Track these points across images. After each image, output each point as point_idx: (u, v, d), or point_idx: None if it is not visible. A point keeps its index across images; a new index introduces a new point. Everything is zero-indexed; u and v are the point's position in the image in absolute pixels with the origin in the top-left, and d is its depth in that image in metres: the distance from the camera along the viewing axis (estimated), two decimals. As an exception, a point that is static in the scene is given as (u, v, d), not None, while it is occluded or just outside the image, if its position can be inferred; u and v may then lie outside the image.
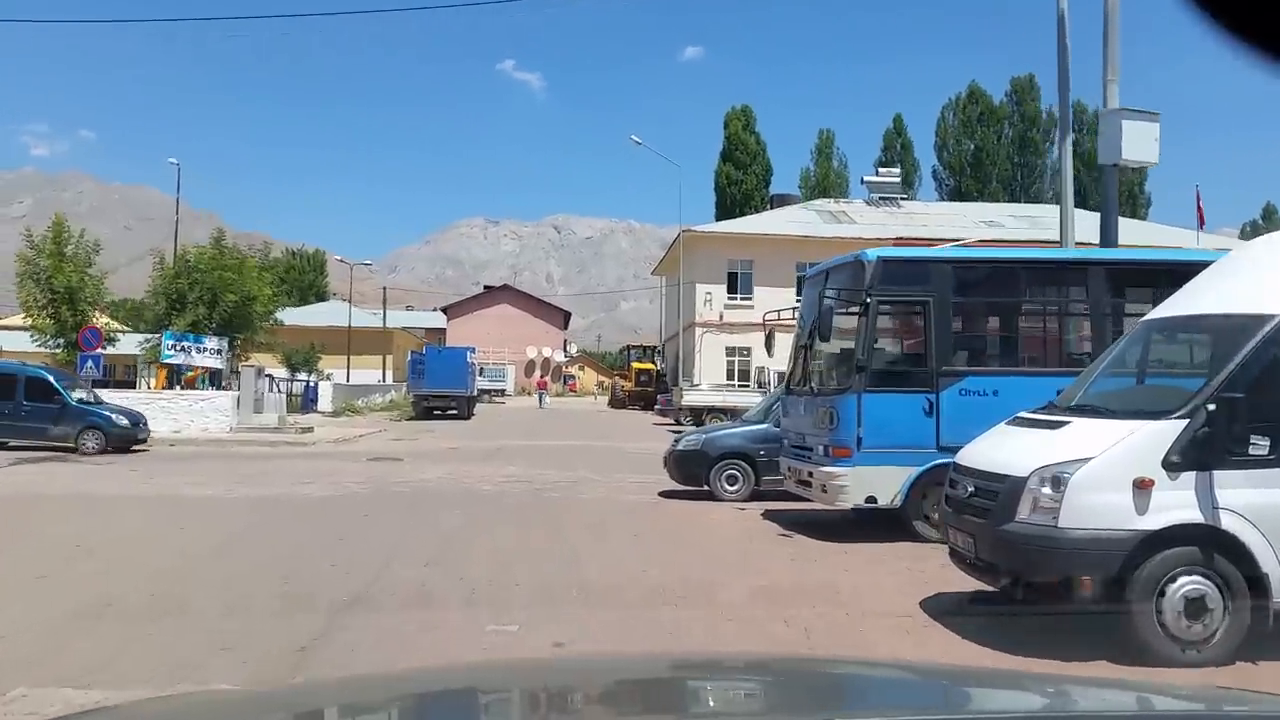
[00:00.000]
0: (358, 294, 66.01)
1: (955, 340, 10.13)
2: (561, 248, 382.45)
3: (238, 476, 16.11)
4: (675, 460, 13.75)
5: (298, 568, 8.50)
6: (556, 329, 78.76)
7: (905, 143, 76.18)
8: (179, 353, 26.49)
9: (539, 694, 2.29)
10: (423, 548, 9.55)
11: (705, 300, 46.74)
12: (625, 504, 13.28)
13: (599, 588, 7.82)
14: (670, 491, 14.10)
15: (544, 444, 25.01)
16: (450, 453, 22.31)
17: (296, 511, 12.23)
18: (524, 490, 14.69)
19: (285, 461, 19.32)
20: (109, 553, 9.22)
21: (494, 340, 69.37)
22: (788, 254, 46.84)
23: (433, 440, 26.19)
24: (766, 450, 13.10)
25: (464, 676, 2.63)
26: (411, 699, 2.23)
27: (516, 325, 74.96)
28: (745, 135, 71.96)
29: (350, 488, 14.74)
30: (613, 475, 16.92)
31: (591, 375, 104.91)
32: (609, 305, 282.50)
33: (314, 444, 24.18)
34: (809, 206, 53.66)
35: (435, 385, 37.64)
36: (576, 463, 19.36)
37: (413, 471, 17.47)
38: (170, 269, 27.47)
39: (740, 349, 46.55)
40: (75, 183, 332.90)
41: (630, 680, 2.40)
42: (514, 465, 18.75)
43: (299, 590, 7.56)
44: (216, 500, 13.29)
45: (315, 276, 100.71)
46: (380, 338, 59.51)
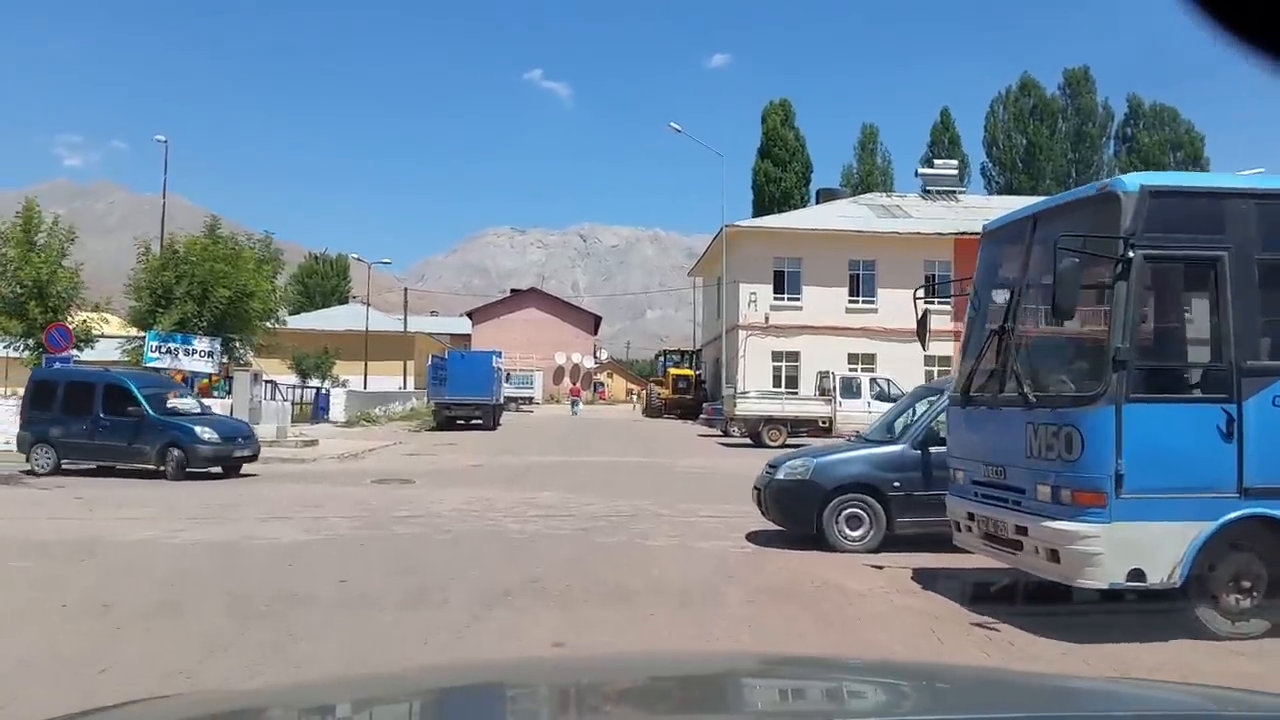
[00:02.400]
0: (385, 302, 62.99)
1: (1268, 319, 6.33)
2: (587, 256, 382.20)
3: (199, 507, 12.71)
4: (775, 495, 10.13)
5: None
6: (586, 334, 75.24)
7: (953, 137, 72.25)
8: (164, 355, 23.18)
9: (538, 693, 2.26)
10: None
11: (750, 301, 43.10)
12: (711, 558, 9.64)
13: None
14: (763, 534, 10.56)
15: (581, 460, 21.50)
16: (472, 472, 18.83)
17: (238, 574, 8.69)
18: (567, 532, 11.11)
19: (271, 485, 15.85)
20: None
21: (521, 346, 66.01)
22: (839, 251, 43.24)
23: (452, 455, 22.71)
24: (902, 481, 9.53)
25: (464, 676, 2.67)
26: (411, 699, 2.18)
27: (545, 330, 71.54)
28: (784, 130, 68.24)
29: (335, 527, 11.21)
30: (676, 506, 13.34)
31: (620, 383, 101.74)
32: (635, 313, 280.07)
33: (314, 460, 20.75)
34: (859, 201, 49.92)
35: (458, 393, 34.19)
36: (626, 487, 15.84)
37: (423, 499, 13.95)
38: (155, 260, 24.11)
39: (788, 353, 42.98)
40: (107, 193, 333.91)
41: (630, 680, 2.38)
42: (549, 490, 15.22)
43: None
44: (147, 548, 9.77)
45: (338, 282, 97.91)
46: (401, 342, 56.19)
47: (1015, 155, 74.81)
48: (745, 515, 11.41)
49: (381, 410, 40.63)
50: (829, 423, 26.53)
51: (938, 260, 43.63)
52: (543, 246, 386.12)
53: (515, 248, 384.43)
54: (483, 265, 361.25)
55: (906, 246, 43.25)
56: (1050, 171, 72.61)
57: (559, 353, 71.72)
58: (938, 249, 43.56)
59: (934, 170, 51.55)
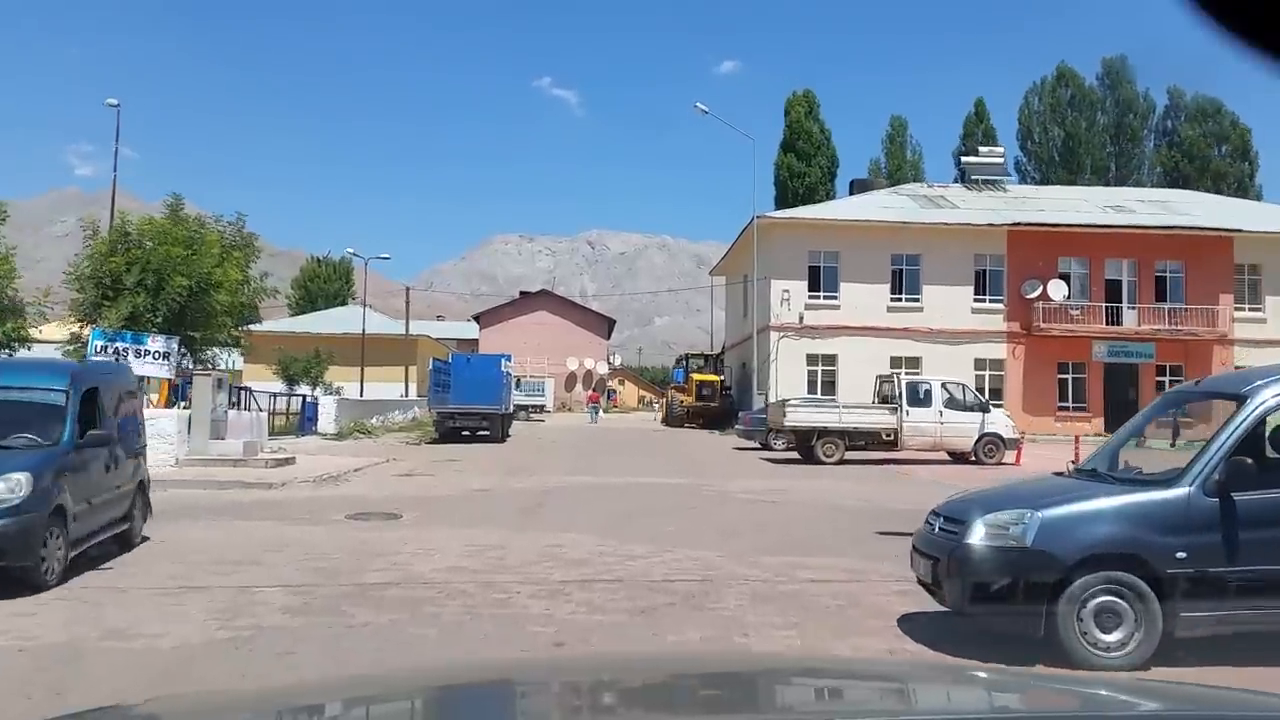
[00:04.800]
0: (391, 308, 59.17)
1: None
2: (596, 263, 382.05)
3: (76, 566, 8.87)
4: (970, 568, 6.12)
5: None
6: (599, 339, 71.36)
7: (988, 129, 68.13)
8: (111, 357, 19.40)
9: (538, 693, 2.26)
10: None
11: (782, 299, 39.20)
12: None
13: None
14: (926, 620, 6.79)
15: (610, 482, 17.69)
16: (476, 500, 15.02)
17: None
18: (618, 619, 7.17)
19: (208, 524, 11.99)
20: None
21: (531, 351, 62.21)
22: (881, 243, 39.34)
23: (454, 477, 18.90)
24: (1190, 550, 5.68)
25: (463, 676, 2.67)
26: (411, 699, 2.16)
27: (556, 334, 67.72)
28: (808, 123, 64.22)
29: (262, 611, 7.21)
30: (758, 560, 9.49)
31: (632, 390, 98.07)
32: (643, 320, 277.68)
33: (283, 485, 16.91)
34: (899, 191, 46.02)
35: (462, 400, 30.37)
36: (678, 524, 12.01)
37: (408, 548, 10.09)
38: (102, 243, 20.29)
39: (824, 356, 39.12)
40: (118, 201, 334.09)
41: (629, 680, 2.35)
42: (577, 531, 11.36)
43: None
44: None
45: (341, 285, 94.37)
46: (403, 346, 52.37)
47: (1052, 148, 70.89)
48: (862, 576, 8.33)
49: (379, 420, 36.82)
50: (894, 435, 22.66)
51: (989, 254, 39.81)
52: (551, 254, 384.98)
53: (523, 255, 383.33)
54: (491, 273, 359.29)
55: (955, 239, 39.38)
56: (1090, 165, 68.67)
57: (570, 358, 67.89)
58: (989, 241, 39.69)
59: (979, 159, 47.62)
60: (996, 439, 22.94)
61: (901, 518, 13.04)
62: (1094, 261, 40.22)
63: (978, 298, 39.67)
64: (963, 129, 70.17)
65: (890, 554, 9.84)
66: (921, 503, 15.32)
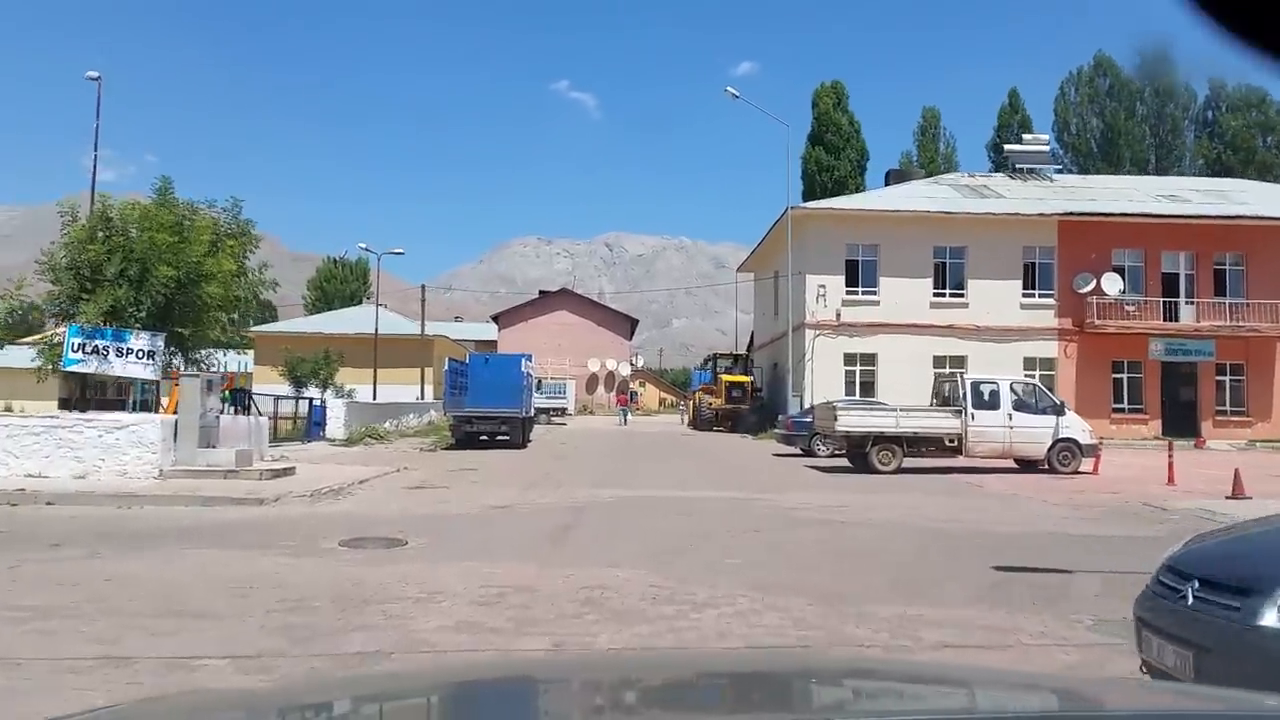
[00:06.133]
0: (410, 311, 57.12)
1: None
2: (613, 265, 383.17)
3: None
4: (1256, 664, 3.94)
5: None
6: (621, 339, 69.23)
7: (1024, 120, 65.77)
8: (90, 356, 17.51)
9: (537, 693, 2.23)
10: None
11: (818, 295, 36.95)
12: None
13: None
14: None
15: (648, 496, 15.54)
16: (495, 519, 12.90)
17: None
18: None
19: (170, 556, 9.86)
20: None
21: (552, 352, 60.21)
22: (923, 235, 37.05)
23: (470, 489, 16.78)
24: None
25: (463, 675, 2.64)
26: (410, 698, 2.13)
27: (577, 335, 65.67)
28: (836, 114, 61.95)
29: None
30: (864, 609, 7.29)
31: (653, 392, 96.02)
32: (661, 322, 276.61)
33: (276, 500, 14.79)
34: (940, 181, 43.75)
35: (480, 403, 28.25)
36: (743, 556, 9.84)
37: (407, 593, 7.93)
38: (81, 229, 18.23)
39: (863, 355, 36.88)
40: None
41: (628, 679, 2.33)
42: (621, 565, 9.20)
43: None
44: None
45: (358, 286, 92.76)
46: (419, 347, 50.33)
47: (1090, 139, 68.40)
48: (1011, 637, 6.27)
49: (392, 425, 34.80)
50: (957, 441, 20.40)
51: (1039, 246, 37.47)
52: (569, 256, 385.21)
53: (542, 257, 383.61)
54: (510, 275, 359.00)
55: (1002, 230, 37.04)
56: (1129, 157, 66.08)
57: (592, 358, 65.84)
58: (1038, 233, 37.36)
59: (1022, 147, 45.23)
60: (1073, 445, 20.64)
61: (1010, 545, 10.83)
62: (1149, 254, 37.84)
63: (1027, 292, 37.33)
64: (997, 120, 67.94)
65: (1028, 601, 7.66)
66: (1022, 524, 13.12)
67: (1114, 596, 8.12)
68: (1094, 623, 7.04)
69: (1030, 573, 9.06)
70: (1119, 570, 9.43)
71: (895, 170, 47.74)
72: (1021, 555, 9.99)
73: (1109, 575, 9.19)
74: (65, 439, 16.37)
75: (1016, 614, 7.19)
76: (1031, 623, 6.92)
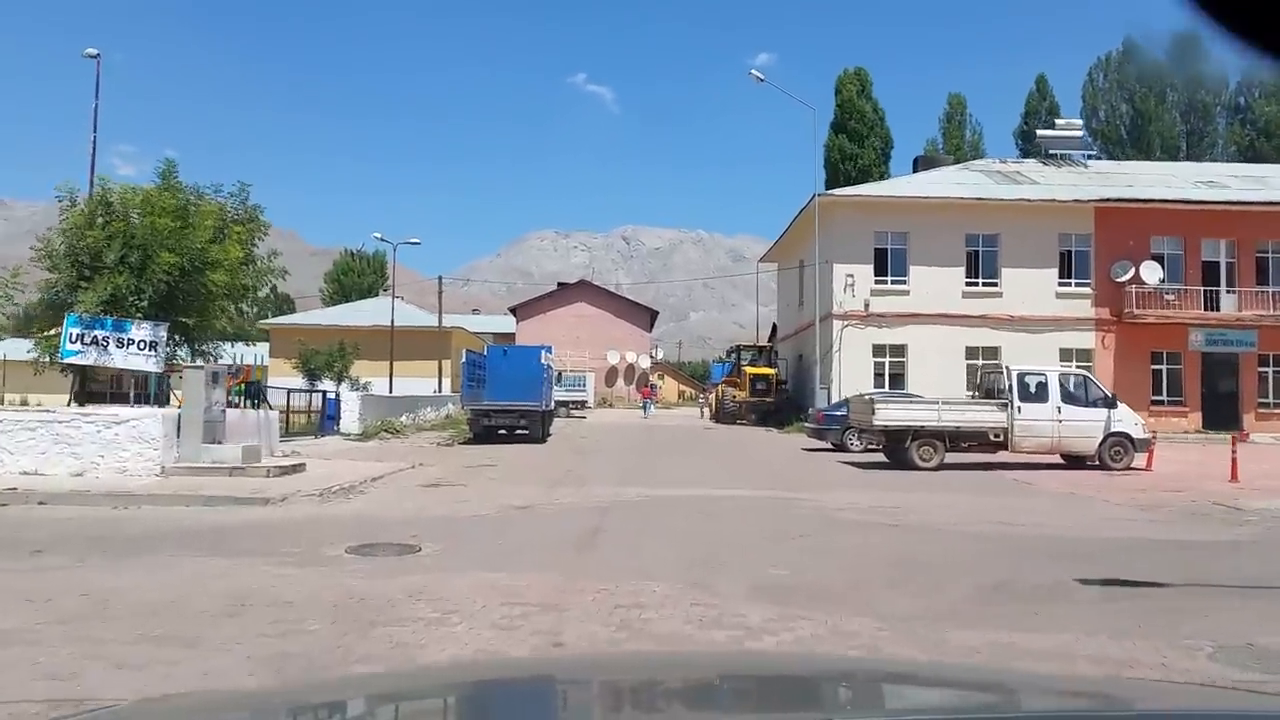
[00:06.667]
0: (429, 305, 56.25)
1: None
2: (630, 258, 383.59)
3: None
4: None
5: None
6: (641, 331, 68.23)
7: (1052, 107, 64.34)
8: (89, 347, 16.67)
9: (537, 693, 2.21)
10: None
11: (846, 285, 35.84)
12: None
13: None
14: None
15: (679, 496, 14.55)
16: (516, 521, 11.95)
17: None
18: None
19: (160, 565, 8.95)
20: None
21: (570, 344, 59.34)
22: (954, 222, 35.83)
23: (489, 487, 15.84)
24: None
25: (463, 675, 2.67)
26: (410, 699, 2.11)
27: (596, 327, 64.73)
28: (860, 101, 60.71)
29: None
30: (940, 632, 6.28)
31: (672, 385, 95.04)
32: (678, 315, 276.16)
33: (283, 500, 13.88)
34: (970, 167, 42.48)
35: (498, 397, 27.34)
36: (789, 564, 8.86)
37: (420, 611, 6.97)
38: (80, 214, 17.33)
39: (892, 346, 35.73)
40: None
41: (627, 680, 2.33)
42: (653, 575, 8.23)
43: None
44: None
45: (375, 279, 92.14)
46: (436, 340, 49.47)
47: (1120, 126, 66.86)
48: (1130, 670, 4.78)
49: (409, 418, 33.94)
50: (1002, 436, 19.31)
51: (1074, 233, 36.19)
52: (586, 249, 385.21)
53: (559, 251, 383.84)
54: (527, 268, 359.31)
55: (1036, 217, 35.77)
56: (1160, 144, 64.48)
57: (612, 351, 64.89)
58: (1074, 220, 36.09)
59: (1055, 132, 43.86)
60: (1125, 440, 19.50)
61: (1084, 552, 9.77)
62: (1189, 241, 36.50)
63: (1063, 281, 36.06)
64: (1024, 107, 66.56)
65: (1130, 622, 6.63)
66: (1089, 528, 11.79)
67: (1223, 614, 7.12)
68: (1214, 650, 6.02)
69: (1119, 586, 8.03)
70: (1216, 583, 8.41)
71: (923, 157, 46.43)
72: (1101, 565, 8.97)
73: (1208, 590, 8.18)
74: (62, 434, 15.56)
75: (1122, 640, 6.17)
76: (1144, 651, 5.90)
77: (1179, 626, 6.63)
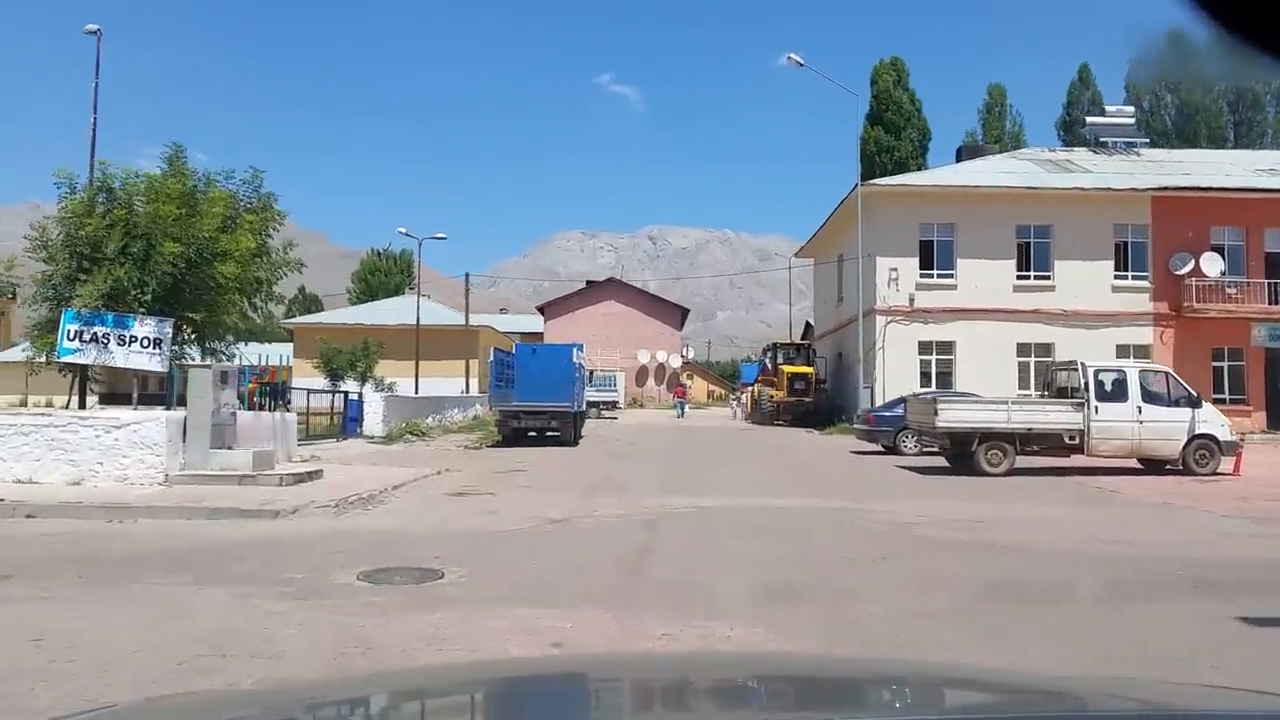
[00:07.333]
0: (456, 305, 55.08)
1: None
2: (657, 258, 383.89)
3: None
4: None
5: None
6: (672, 329, 66.79)
7: (1095, 96, 62.27)
8: (88, 345, 15.45)
9: (537, 693, 2.14)
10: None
11: (890, 279, 34.25)
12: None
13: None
14: None
15: (731, 506, 13.10)
16: (551, 539, 10.55)
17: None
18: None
19: (136, 596, 7.61)
20: None
21: (601, 343, 57.99)
22: (1004, 213, 34.11)
23: (520, 496, 14.47)
24: None
25: (463, 675, 2.59)
26: (410, 699, 2.06)
27: (626, 325, 63.38)
28: (897, 92, 59.01)
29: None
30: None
31: (700, 384, 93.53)
32: (705, 315, 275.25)
33: (294, 513, 12.55)
34: (1018, 156, 40.77)
35: (528, 397, 26.00)
36: (883, 600, 7.41)
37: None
38: (78, 202, 16.08)
39: (939, 343, 34.09)
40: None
41: (627, 679, 2.29)
42: (723, 613, 6.82)
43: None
44: None
45: (401, 278, 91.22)
46: (463, 339, 48.25)
47: (1165, 117, 64.73)
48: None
49: (435, 420, 32.66)
50: (1077, 438, 17.73)
51: (1130, 224, 34.41)
52: (612, 249, 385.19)
53: (585, 251, 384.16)
54: (554, 269, 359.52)
55: (1091, 207, 34.03)
56: (1206, 134, 62.35)
57: (642, 350, 63.50)
58: (1130, 209, 34.30)
59: (1105, 119, 42.06)
60: (1211, 442, 17.85)
61: (1222, 579, 8.18)
62: (1250, 232, 34.66)
63: (1119, 274, 34.30)
64: (1066, 96, 64.63)
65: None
66: (1209, 547, 9.92)
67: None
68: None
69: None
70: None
71: (967, 146, 44.69)
72: (1254, 597, 7.45)
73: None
74: (58, 439, 14.33)
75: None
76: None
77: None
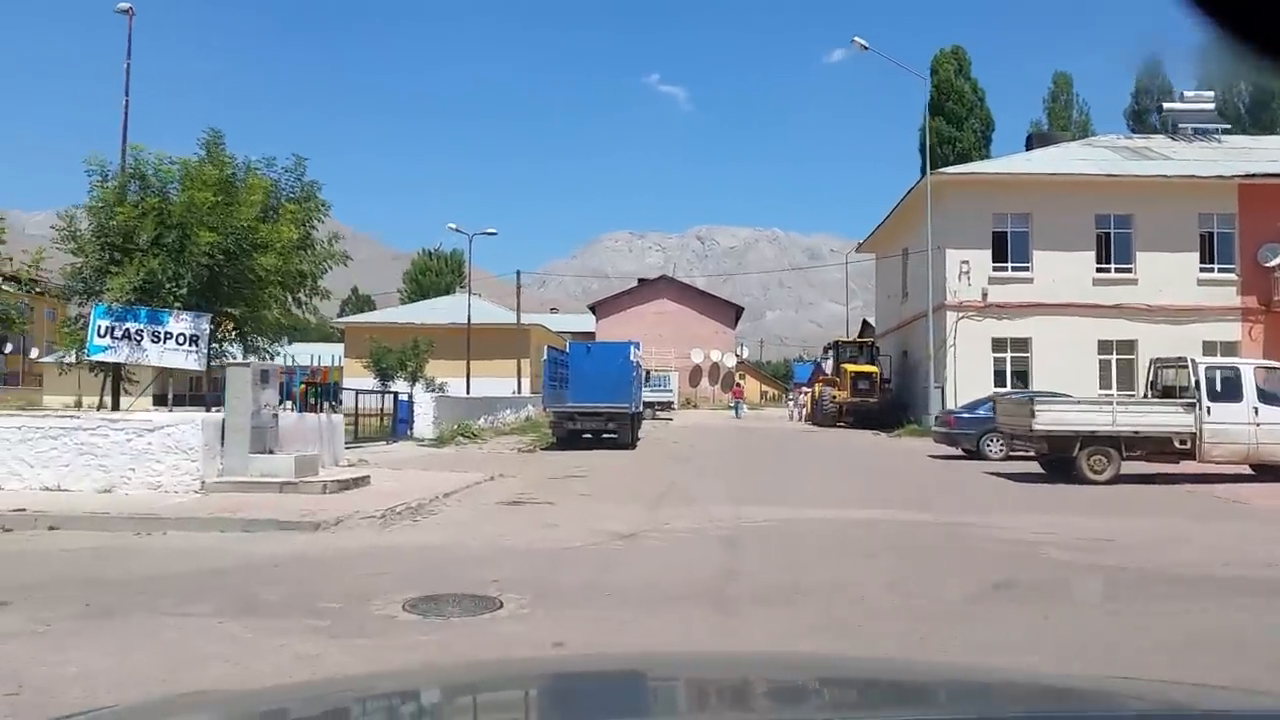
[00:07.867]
0: (506, 306, 54.21)
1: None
2: (705, 258, 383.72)
3: None
4: None
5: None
6: (726, 328, 65.39)
7: (1164, 85, 59.85)
8: (120, 342, 14.52)
9: (537, 693, 2.17)
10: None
11: (961, 272, 32.62)
12: None
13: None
14: None
15: (814, 519, 11.78)
16: (619, 559, 9.30)
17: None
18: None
19: (143, 633, 6.51)
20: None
21: (654, 342, 56.70)
22: (1082, 202, 32.30)
23: (580, 506, 13.28)
24: None
25: (464, 675, 2.58)
26: (410, 699, 2.05)
27: (679, 324, 62.12)
28: (959, 81, 57.17)
29: None
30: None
31: (753, 384, 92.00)
32: (754, 315, 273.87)
33: (336, 524, 11.44)
34: (1093, 143, 38.82)
35: (583, 398, 24.84)
36: (1039, 648, 6.05)
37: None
38: (110, 190, 15.14)
39: (1014, 340, 32.41)
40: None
41: (628, 679, 2.28)
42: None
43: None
44: None
45: (452, 278, 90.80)
46: (515, 338, 47.28)
47: (1239, 103, 62.12)
48: None
49: (487, 421, 31.65)
50: (1189, 442, 16.15)
51: (1216, 213, 32.42)
52: (661, 250, 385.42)
53: (634, 251, 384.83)
54: (602, 270, 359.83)
55: (1174, 196, 32.09)
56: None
57: (695, 349, 62.17)
58: (1216, 198, 32.32)
59: (1183, 105, 39.93)
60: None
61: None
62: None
63: (1204, 266, 32.35)
64: (1134, 85, 62.21)
65: None
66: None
67: None
68: None
69: None
70: None
71: (1037, 134, 42.76)
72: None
73: None
74: (87, 444, 13.39)
75: None
76: None
77: None
